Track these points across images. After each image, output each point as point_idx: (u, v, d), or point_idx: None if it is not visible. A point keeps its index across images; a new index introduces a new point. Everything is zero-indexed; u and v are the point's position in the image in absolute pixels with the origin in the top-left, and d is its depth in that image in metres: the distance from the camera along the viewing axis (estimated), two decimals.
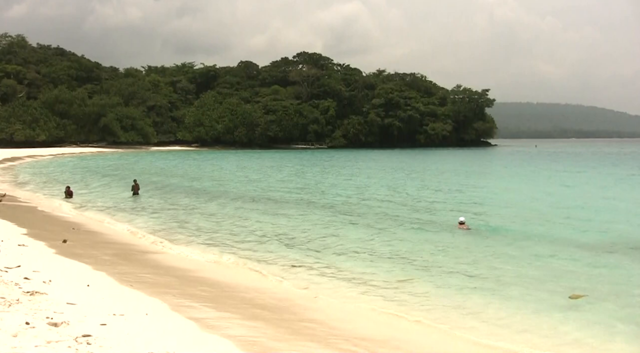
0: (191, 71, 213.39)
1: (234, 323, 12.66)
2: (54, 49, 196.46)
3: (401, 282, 16.93)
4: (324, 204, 36.55)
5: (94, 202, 36.63)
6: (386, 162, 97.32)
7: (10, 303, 11.40)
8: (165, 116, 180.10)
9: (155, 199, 38.27)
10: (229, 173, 67.87)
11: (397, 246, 22.48)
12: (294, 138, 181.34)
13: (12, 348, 8.63)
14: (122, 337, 10.33)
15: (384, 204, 36.56)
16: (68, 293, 13.17)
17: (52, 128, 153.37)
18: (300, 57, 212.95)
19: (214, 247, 21.92)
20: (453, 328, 13.08)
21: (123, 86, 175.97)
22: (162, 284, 15.94)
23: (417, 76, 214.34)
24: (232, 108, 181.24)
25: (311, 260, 19.40)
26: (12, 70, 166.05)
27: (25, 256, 17.80)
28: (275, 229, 26.40)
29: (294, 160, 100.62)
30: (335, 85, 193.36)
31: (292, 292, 15.72)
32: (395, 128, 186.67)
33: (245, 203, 36.87)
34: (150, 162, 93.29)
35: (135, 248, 21.70)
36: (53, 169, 74.64)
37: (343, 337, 12.07)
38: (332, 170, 72.38)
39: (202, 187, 48.19)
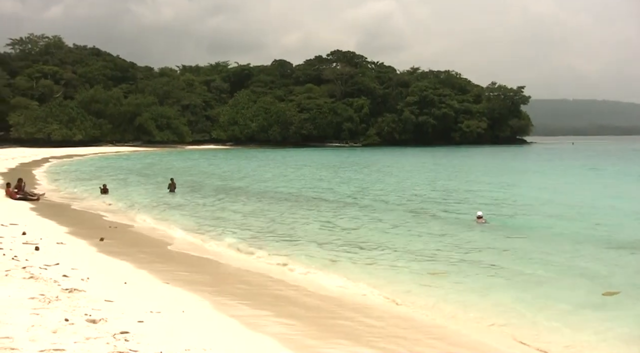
0: (225, 70, 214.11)
1: (270, 320, 12.70)
2: (90, 49, 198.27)
3: (433, 275, 16.83)
4: (364, 203, 36.47)
5: (131, 200, 36.84)
6: (423, 159, 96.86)
7: (49, 300, 11.54)
8: (200, 115, 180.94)
9: (191, 197, 38.36)
10: (265, 171, 67.97)
11: (431, 242, 22.35)
12: (328, 136, 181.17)
13: (51, 344, 8.73)
14: (159, 334, 10.41)
15: (418, 200, 36.45)
16: (106, 291, 13.30)
17: (88, 127, 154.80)
18: (334, 55, 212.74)
19: (250, 244, 21.93)
20: (489, 324, 12.93)
21: (158, 85, 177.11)
22: (197, 282, 16.02)
23: (452, 73, 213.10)
24: (266, 107, 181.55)
25: (346, 257, 19.34)
26: (49, 71, 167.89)
27: (63, 254, 17.99)
28: (313, 227, 26.36)
29: (334, 159, 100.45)
30: (369, 83, 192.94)
31: (326, 289, 15.68)
32: (429, 126, 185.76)
33: (278, 200, 36.89)
34: (186, 161, 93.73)
35: (170, 245, 21.81)
36: (89, 167, 75.31)
37: (380, 335, 12.05)
38: (372, 169, 72.25)
39: (240, 185, 48.10)
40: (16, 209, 30.21)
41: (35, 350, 8.39)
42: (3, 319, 9.78)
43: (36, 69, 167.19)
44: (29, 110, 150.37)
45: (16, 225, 23.48)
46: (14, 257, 16.00)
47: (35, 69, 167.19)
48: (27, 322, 9.80)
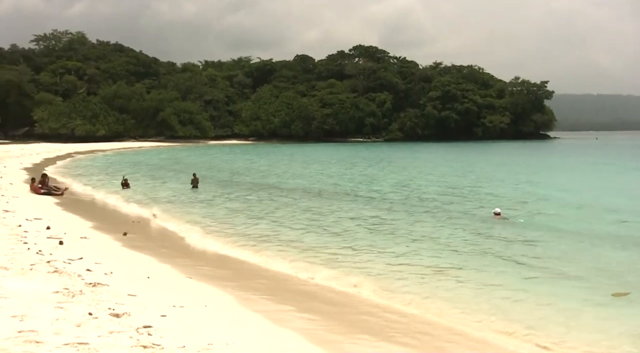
0: (247, 65, 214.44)
1: (292, 315, 12.72)
2: (113, 45, 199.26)
3: (449, 271, 16.75)
4: (383, 199, 36.44)
5: (153, 195, 37.01)
6: (446, 155, 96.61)
7: (73, 294, 11.62)
8: (222, 110, 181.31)
9: (214, 193, 38.42)
10: (287, 165, 68.03)
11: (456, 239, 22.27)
12: (350, 131, 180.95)
13: (75, 338, 8.80)
14: (182, 328, 10.46)
15: (437, 196, 36.36)
16: (129, 285, 13.38)
17: (111, 123, 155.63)
18: (356, 50, 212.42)
19: (270, 240, 21.94)
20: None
21: (180, 81, 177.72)
22: (219, 276, 16.08)
23: (475, 68, 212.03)
24: (288, 102, 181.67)
25: (367, 253, 19.32)
26: (72, 67, 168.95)
27: (87, 248, 18.12)
28: (332, 222, 26.35)
29: (360, 153, 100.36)
30: (392, 78, 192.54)
31: (346, 285, 15.66)
32: (452, 121, 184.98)
33: (301, 196, 36.91)
34: (209, 156, 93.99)
35: (192, 240, 21.89)
36: (112, 162, 75.73)
37: (402, 331, 12.03)
38: (398, 164, 72.14)
39: (266, 181, 47.94)
40: (40, 204, 30.46)
41: (60, 344, 8.46)
42: (28, 313, 9.88)
43: (60, 64, 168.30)
44: (52, 105, 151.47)
45: (40, 219, 23.66)
46: (39, 252, 16.13)
47: (59, 64, 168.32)
48: (52, 316, 9.89)
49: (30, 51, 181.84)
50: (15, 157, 78.92)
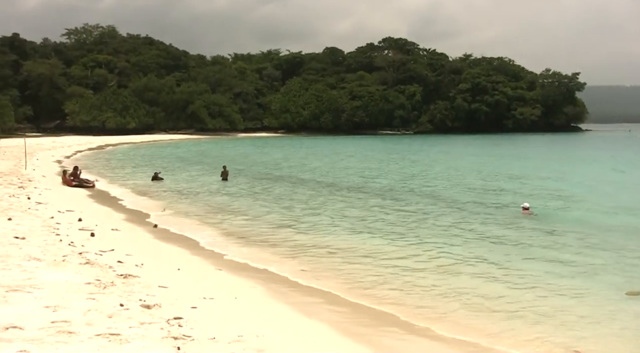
0: (277, 58, 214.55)
1: (323, 307, 12.74)
2: (143, 38, 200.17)
3: (476, 265, 16.65)
4: (414, 192, 36.38)
5: (183, 187, 37.18)
6: (476, 148, 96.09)
7: (105, 286, 11.72)
8: (252, 103, 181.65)
9: (244, 185, 38.48)
10: (316, 159, 68.05)
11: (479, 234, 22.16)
12: (380, 124, 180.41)
13: (107, 329, 8.88)
14: (212, 319, 10.51)
15: (468, 190, 36.20)
16: (159, 277, 13.46)
17: (141, 115, 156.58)
18: (385, 42, 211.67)
19: (297, 232, 21.97)
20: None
21: (210, 74, 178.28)
22: (249, 269, 16.12)
23: (505, 60, 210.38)
24: (317, 94, 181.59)
25: (396, 247, 19.27)
26: (103, 60, 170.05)
27: (118, 240, 18.26)
28: (359, 216, 26.34)
29: (399, 148, 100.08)
30: (421, 70, 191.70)
31: (375, 275, 15.62)
32: (482, 113, 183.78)
33: (328, 188, 36.93)
34: (238, 149, 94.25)
35: (221, 233, 21.94)
36: (143, 155, 76.19)
37: (428, 323, 12.01)
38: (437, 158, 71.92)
39: (297, 175, 47.79)
40: (72, 196, 30.74)
41: (92, 334, 8.53)
42: (61, 303, 9.97)
43: (91, 58, 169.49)
44: (84, 98, 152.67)
45: (72, 211, 23.87)
46: (71, 243, 16.27)
47: (90, 58, 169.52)
48: (84, 307, 9.97)
49: (62, 45, 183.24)
50: (47, 149, 79.67)
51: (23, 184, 32.86)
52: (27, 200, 25.48)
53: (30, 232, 17.24)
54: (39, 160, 56.36)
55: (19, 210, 22.00)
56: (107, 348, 8.06)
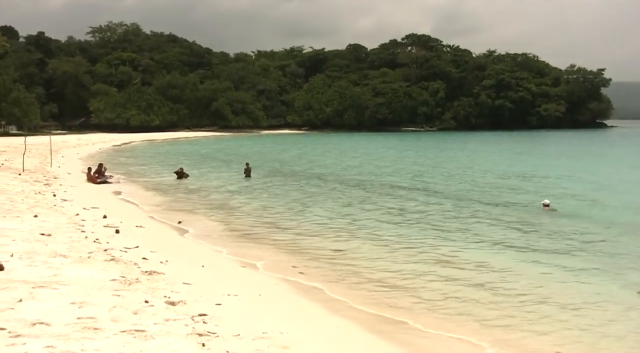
0: (300, 55, 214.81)
1: (346, 305, 12.73)
2: (167, 35, 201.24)
3: (498, 260, 16.55)
4: (433, 190, 36.28)
5: (207, 184, 37.30)
6: (503, 145, 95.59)
7: (130, 282, 11.77)
8: (275, 100, 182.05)
9: (267, 182, 38.56)
10: (337, 156, 68.01)
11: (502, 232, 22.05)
12: (403, 120, 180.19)
13: (132, 325, 8.91)
14: (237, 316, 10.53)
15: (489, 187, 36.05)
16: (184, 273, 13.51)
17: (165, 113, 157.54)
18: (408, 38, 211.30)
19: (325, 228, 21.96)
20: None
21: (233, 71, 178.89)
22: (272, 266, 16.14)
23: (529, 56, 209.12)
24: (341, 91, 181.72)
25: (423, 244, 19.20)
26: (127, 58, 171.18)
27: (142, 236, 18.34)
28: (378, 214, 26.30)
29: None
30: (445, 66, 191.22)
31: (403, 270, 15.58)
32: (506, 109, 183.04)
33: (349, 186, 36.91)
34: (261, 146, 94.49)
35: (244, 229, 21.98)
36: (168, 151, 76.56)
37: (453, 321, 11.95)
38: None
39: (318, 172, 47.69)
40: (97, 193, 30.93)
41: (117, 331, 8.57)
42: (86, 300, 10.03)
43: (115, 56, 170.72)
44: (108, 96, 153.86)
45: (97, 208, 24.01)
46: (96, 240, 16.37)
47: (114, 56, 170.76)
48: (109, 303, 10.03)
49: (86, 43, 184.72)
50: (72, 147, 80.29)
51: (49, 181, 33.11)
52: (53, 197, 25.66)
53: (56, 228, 17.36)
54: (64, 158, 56.78)
55: (44, 207, 22.16)
56: (133, 345, 8.10)
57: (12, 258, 12.59)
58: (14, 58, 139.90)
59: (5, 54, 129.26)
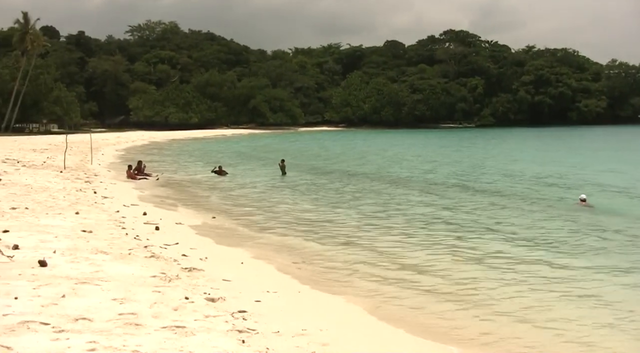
0: (337, 52, 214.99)
1: (387, 303, 12.66)
2: (205, 34, 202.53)
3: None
4: (477, 187, 36.07)
5: (245, 181, 37.41)
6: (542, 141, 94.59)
7: (170, 279, 11.85)
8: (313, 97, 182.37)
9: (305, 180, 38.42)
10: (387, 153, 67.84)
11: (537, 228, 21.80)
12: (441, 117, 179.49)
13: (173, 321, 8.98)
14: (276, 313, 10.55)
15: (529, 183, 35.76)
16: (223, 270, 13.56)
17: (203, 110, 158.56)
18: (446, 34, 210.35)
19: (365, 227, 21.86)
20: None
21: (271, 68, 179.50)
22: (312, 264, 16.12)
23: (569, 51, 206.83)
24: (378, 88, 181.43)
25: (457, 240, 19.04)
26: (165, 56, 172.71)
27: (182, 233, 18.48)
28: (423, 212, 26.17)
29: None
30: (483, 62, 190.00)
31: (450, 276, 15.38)
32: (545, 105, 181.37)
33: (391, 185, 36.81)
34: (300, 143, 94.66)
35: (280, 227, 21.95)
36: (206, 149, 77.01)
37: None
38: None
39: (361, 170, 47.57)
40: (136, 190, 31.21)
41: (158, 327, 8.64)
42: (128, 296, 10.12)
43: (154, 54, 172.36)
44: (147, 94, 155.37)
45: (137, 205, 24.24)
46: (136, 237, 16.51)
47: (152, 54, 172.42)
48: (150, 299, 10.10)
49: (125, 42, 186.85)
50: (112, 144, 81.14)
51: (89, 179, 33.47)
52: (94, 195, 25.93)
53: (97, 225, 17.54)
54: (104, 155, 57.40)
55: (86, 204, 22.40)
56: (173, 341, 8.15)
57: (55, 255, 12.75)
58: (55, 57, 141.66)
59: (46, 54, 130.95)
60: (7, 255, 12.29)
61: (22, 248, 13.07)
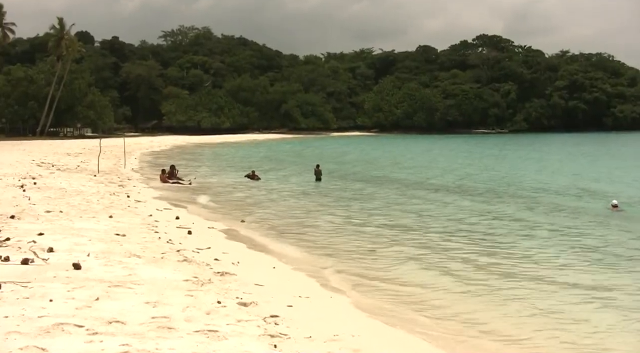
0: (369, 57, 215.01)
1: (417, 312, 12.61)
2: (237, 39, 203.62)
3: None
4: (507, 193, 35.82)
5: (278, 186, 37.40)
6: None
7: (202, 283, 11.89)
8: (345, 102, 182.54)
9: (340, 187, 37.99)
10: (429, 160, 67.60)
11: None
12: (474, 122, 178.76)
13: (205, 325, 9.00)
14: (308, 318, 10.53)
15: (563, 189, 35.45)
16: (255, 275, 13.58)
17: (235, 115, 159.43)
18: (479, 39, 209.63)
19: (400, 233, 21.74)
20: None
21: (303, 73, 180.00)
22: (344, 271, 16.08)
23: (604, 56, 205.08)
24: (411, 93, 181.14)
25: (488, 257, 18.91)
26: (198, 61, 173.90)
27: (214, 238, 18.55)
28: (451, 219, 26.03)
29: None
30: (516, 67, 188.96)
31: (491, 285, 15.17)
32: (579, 111, 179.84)
33: (431, 190, 36.67)
34: (332, 148, 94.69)
35: (312, 232, 21.91)
36: (238, 153, 77.31)
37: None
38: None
39: (397, 176, 47.24)
40: (169, 194, 31.41)
41: (191, 330, 8.67)
42: (160, 299, 10.17)
43: (186, 59, 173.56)
44: (180, 99, 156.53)
45: (170, 209, 24.40)
46: (169, 241, 16.60)
47: (185, 59, 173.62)
48: (183, 303, 10.14)
49: (159, 47, 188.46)
50: (145, 148, 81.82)
51: (122, 183, 33.78)
52: (127, 198, 26.14)
53: (130, 229, 17.67)
54: (137, 159, 57.82)
55: (119, 207, 22.59)
56: (206, 345, 8.17)
57: (89, 258, 12.87)
58: (89, 62, 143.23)
59: (81, 59, 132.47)
60: (42, 257, 12.42)
61: (56, 251, 13.21)
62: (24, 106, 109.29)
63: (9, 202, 21.00)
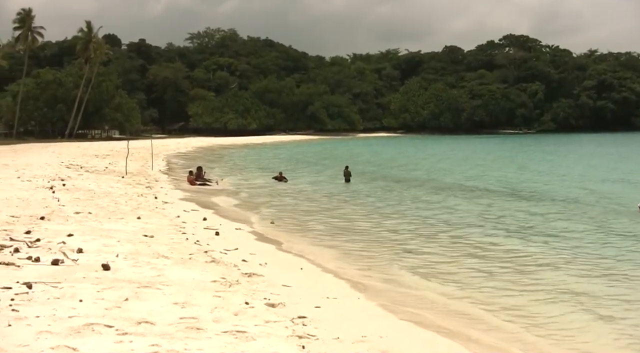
0: (395, 58, 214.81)
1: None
2: (263, 40, 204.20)
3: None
4: (522, 193, 35.60)
5: (306, 188, 37.35)
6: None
7: (230, 284, 11.92)
8: (371, 103, 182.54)
9: (369, 188, 37.73)
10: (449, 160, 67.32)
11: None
12: (501, 123, 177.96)
13: (233, 326, 9.01)
14: (336, 319, 10.51)
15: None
16: (283, 276, 13.58)
17: (262, 117, 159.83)
18: (506, 39, 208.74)
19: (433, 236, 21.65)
20: None
21: (329, 75, 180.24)
22: (371, 271, 16.05)
23: (633, 55, 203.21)
24: (437, 93, 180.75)
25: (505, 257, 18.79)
26: (224, 63, 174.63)
27: (241, 239, 18.58)
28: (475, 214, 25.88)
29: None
30: (544, 67, 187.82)
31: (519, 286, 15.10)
32: (608, 111, 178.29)
33: (467, 193, 36.50)
34: (359, 149, 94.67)
35: (341, 234, 21.87)
36: (264, 155, 77.51)
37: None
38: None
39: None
40: (196, 195, 31.51)
41: (219, 331, 8.68)
42: (189, 300, 10.20)
43: (213, 61, 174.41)
44: (206, 101, 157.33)
45: (197, 211, 24.49)
46: (197, 242, 16.65)
47: (211, 61, 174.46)
48: (211, 304, 10.17)
49: (185, 49, 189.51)
50: (172, 150, 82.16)
51: (150, 184, 33.96)
52: (155, 200, 26.28)
53: (158, 230, 17.76)
54: (164, 161, 58.10)
55: (147, 209, 22.72)
56: (234, 345, 8.19)
57: (118, 259, 12.96)
58: (116, 65, 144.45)
59: (108, 62, 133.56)
60: (72, 258, 12.52)
61: (85, 252, 13.31)
62: (53, 109, 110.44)
63: (39, 203, 21.20)
